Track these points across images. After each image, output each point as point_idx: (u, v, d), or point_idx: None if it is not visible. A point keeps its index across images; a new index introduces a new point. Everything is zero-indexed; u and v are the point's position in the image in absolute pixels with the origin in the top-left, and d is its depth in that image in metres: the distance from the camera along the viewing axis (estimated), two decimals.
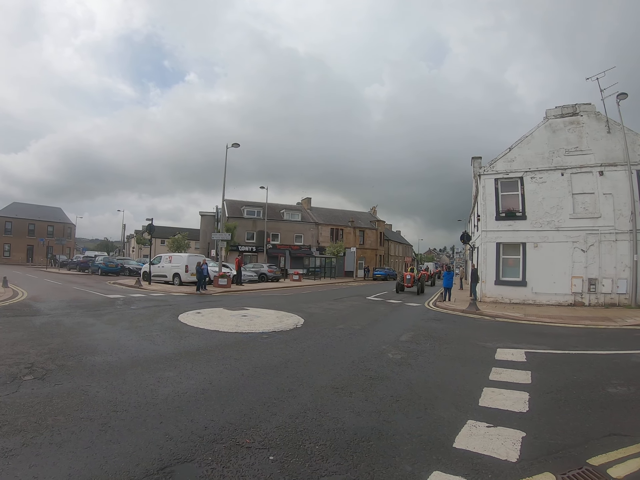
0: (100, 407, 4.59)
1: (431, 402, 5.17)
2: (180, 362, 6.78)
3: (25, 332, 8.72)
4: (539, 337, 10.17)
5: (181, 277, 24.59)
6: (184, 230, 61.55)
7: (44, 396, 4.86)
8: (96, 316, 11.50)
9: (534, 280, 18.55)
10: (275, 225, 49.95)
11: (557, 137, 18.89)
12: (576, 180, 18.28)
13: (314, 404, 4.95)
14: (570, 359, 7.93)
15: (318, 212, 57.53)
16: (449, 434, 4.17)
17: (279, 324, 11.09)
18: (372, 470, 3.40)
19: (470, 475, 3.35)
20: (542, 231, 18.59)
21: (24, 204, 65.81)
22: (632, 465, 3.54)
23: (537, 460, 3.63)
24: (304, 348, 8.26)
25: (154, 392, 5.20)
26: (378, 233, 60.68)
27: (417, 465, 3.51)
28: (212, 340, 8.76)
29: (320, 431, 4.15)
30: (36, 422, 4.10)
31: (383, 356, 7.74)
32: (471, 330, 11.48)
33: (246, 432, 4.05)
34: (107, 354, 7.17)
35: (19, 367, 6.00)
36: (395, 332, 10.61)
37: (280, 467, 3.40)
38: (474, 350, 8.50)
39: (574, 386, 5.98)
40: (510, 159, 19.64)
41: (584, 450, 3.84)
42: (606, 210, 17.61)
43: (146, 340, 8.46)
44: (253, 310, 13.97)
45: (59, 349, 7.29)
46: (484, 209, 20.12)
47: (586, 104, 18.70)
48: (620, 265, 17.23)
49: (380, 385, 5.83)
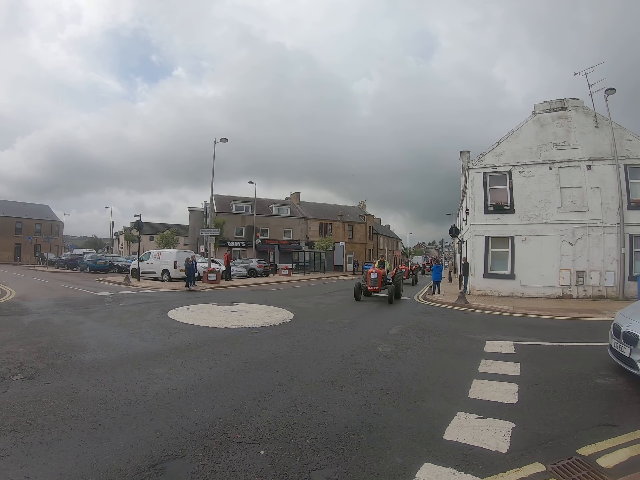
0: (90, 405, 4.56)
1: (421, 395, 5.20)
2: (170, 358, 6.75)
3: (13, 332, 8.63)
4: (527, 330, 10.27)
5: (170, 273, 24.49)
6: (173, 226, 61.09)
7: (33, 395, 4.81)
8: (85, 314, 11.41)
9: (523, 273, 18.71)
10: (264, 220, 49.84)
11: (546, 132, 19.02)
12: (564, 174, 18.44)
13: (304, 398, 4.96)
14: (559, 351, 8.02)
15: (307, 206, 57.43)
16: (439, 425, 4.20)
17: (269, 318, 11.08)
18: (363, 463, 3.41)
19: (460, 466, 3.37)
20: (531, 225, 18.74)
21: (10, 202, 64.77)
22: (621, 455, 3.60)
23: (526, 450, 3.67)
24: (293, 342, 8.26)
25: (144, 389, 5.18)
26: (367, 227, 60.71)
27: (408, 458, 3.53)
28: (201, 336, 8.73)
29: (311, 425, 4.16)
30: (26, 421, 4.06)
31: (373, 349, 7.77)
32: (460, 323, 11.55)
33: (237, 427, 4.05)
34: (97, 351, 7.12)
35: (8, 367, 5.94)
36: (384, 325, 10.65)
37: (271, 462, 3.40)
38: (464, 343, 8.55)
39: (562, 377, 6.04)
40: (498, 153, 19.74)
41: (574, 440, 3.89)
42: (594, 204, 17.79)
43: (136, 337, 8.41)
44: (242, 305, 13.95)
45: (48, 348, 7.23)
46: (472, 202, 20.21)
47: (574, 98, 18.85)
48: (607, 258, 17.44)
49: (370, 379, 5.85)
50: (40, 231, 61.29)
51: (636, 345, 5.42)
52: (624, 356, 5.69)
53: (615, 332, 6.13)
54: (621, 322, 6.08)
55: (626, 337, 5.67)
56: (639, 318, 5.84)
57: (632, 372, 5.52)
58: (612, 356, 6.16)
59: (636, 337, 5.44)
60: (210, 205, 33.02)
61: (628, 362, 5.60)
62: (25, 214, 62.91)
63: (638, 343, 5.39)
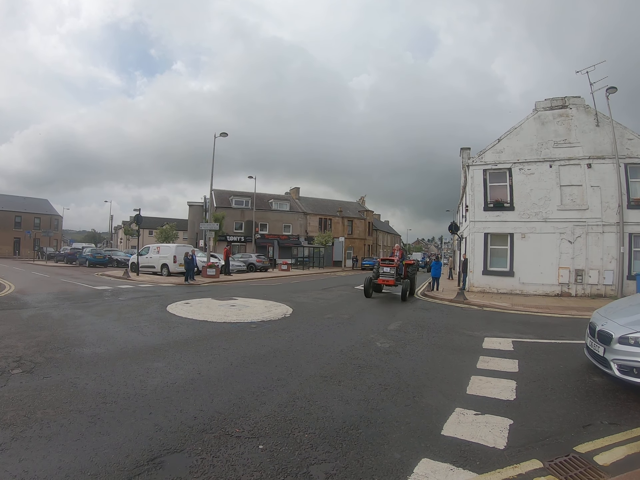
0: (89, 399, 4.56)
1: (419, 390, 5.22)
2: (169, 352, 6.76)
3: (12, 326, 8.64)
4: (526, 327, 10.29)
5: (169, 267, 24.48)
6: (172, 220, 61.12)
7: (32, 389, 4.82)
8: (84, 308, 11.41)
9: (522, 271, 18.72)
10: (264, 215, 49.78)
11: (546, 129, 18.99)
12: (564, 172, 18.43)
13: (303, 393, 4.97)
14: (557, 348, 8.04)
15: (306, 201, 57.36)
16: (437, 421, 4.22)
17: (268, 313, 11.10)
18: (361, 458, 3.43)
19: (458, 462, 3.39)
20: (530, 222, 18.73)
21: (9, 196, 64.53)
22: (618, 453, 3.61)
23: (524, 447, 3.68)
24: (292, 337, 8.27)
25: (143, 383, 5.19)
26: (366, 223, 60.68)
27: (406, 453, 3.54)
28: (200, 330, 8.74)
29: (309, 420, 4.17)
30: (25, 415, 4.06)
31: (371, 345, 7.79)
32: (459, 319, 11.57)
33: (235, 422, 4.06)
34: (96, 345, 7.13)
35: (7, 361, 5.94)
36: (383, 321, 10.67)
37: (269, 456, 3.41)
38: (462, 339, 8.57)
39: (560, 375, 6.07)
40: (499, 150, 19.71)
41: (571, 437, 3.91)
42: (593, 202, 17.79)
43: (134, 332, 8.42)
44: (241, 300, 13.97)
45: (47, 342, 7.23)
46: (472, 199, 20.19)
47: (575, 97, 18.81)
48: (606, 256, 17.46)
49: (368, 374, 5.86)
50: (40, 225, 61.08)
51: (610, 344, 5.36)
52: (598, 355, 5.63)
53: (591, 330, 6.09)
54: (597, 320, 6.05)
55: (600, 336, 5.63)
56: (614, 317, 5.82)
57: (606, 371, 5.46)
58: (588, 355, 6.09)
59: (610, 336, 5.39)
60: (209, 200, 32.98)
61: (602, 361, 5.54)
62: (24, 208, 62.70)
63: (612, 342, 5.33)
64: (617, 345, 5.26)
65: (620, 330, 5.35)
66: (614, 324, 5.58)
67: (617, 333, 5.34)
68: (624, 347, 5.18)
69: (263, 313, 11.14)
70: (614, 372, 5.25)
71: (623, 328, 5.35)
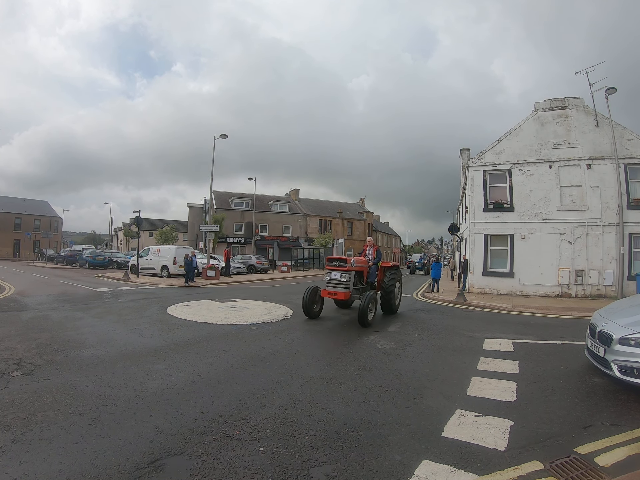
0: (89, 401, 4.56)
1: (420, 392, 5.21)
2: (169, 354, 6.76)
3: (12, 328, 8.62)
4: (526, 328, 10.28)
5: (169, 269, 24.46)
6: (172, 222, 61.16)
7: (32, 392, 4.81)
8: (84, 310, 11.40)
9: (522, 272, 18.72)
10: (264, 216, 49.86)
11: (546, 130, 18.99)
12: (564, 173, 18.43)
13: (304, 395, 4.97)
14: (557, 349, 8.03)
15: (306, 203, 57.41)
16: (437, 423, 4.21)
17: (268, 315, 11.10)
18: (361, 460, 3.42)
19: (459, 464, 3.38)
20: (530, 223, 18.73)
21: (9, 198, 64.51)
22: (619, 454, 3.61)
23: (525, 448, 3.68)
24: (292, 339, 8.27)
25: (143, 385, 5.18)
26: (366, 224, 60.69)
27: (407, 455, 3.54)
28: (200, 332, 8.73)
29: (310, 422, 4.16)
30: (25, 418, 4.06)
31: (372, 346, 7.78)
32: (459, 320, 11.57)
33: (236, 424, 4.06)
34: (96, 347, 7.12)
35: (7, 363, 5.93)
36: (383, 322, 10.66)
37: (270, 458, 3.41)
38: (462, 341, 8.56)
39: (561, 376, 6.06)
40: (498, 151, 19.72)
41: (572, 438, 3.90)
42: (593, 203, 17.79)
43: (135, 334, 8.41)
44: (242, 301, 13.96)
45: (47, 344, 7.22)
46: (472, 200, 20.20)
47: (575, 97, 18.81)
48: (606, 257, 17.46)
49: (369, 376, 5.86)
50: (39, 227, 61.03)
51: (610, 345, 5.36)
52: (598, 356, 5.63)
53: (591, 331, 6.09)
54: (597, 321, 6.04)
55: (601, 336, 5.63)
56: (614, 318, 5.82)
57: (607, 372, 5.45)
58: (588, 356, 6.09)
59: (610, 337, 5.39)
60: (209, 201, 33.01)
61: (602, 362, 5.54)
62: (24, 209, 62.69)
63: (612, 343, 5.33)
64: (617, 346, 5.26)
65: (620, 331, 5.35)
66: (614, 324, 5.58)
67: (617, 334, 5.34)
68: (624, 348, 5.18)
69: (263, 315, 11.13)
70: (615, 373, 5.25)
71: (623, 329, 5.36)
